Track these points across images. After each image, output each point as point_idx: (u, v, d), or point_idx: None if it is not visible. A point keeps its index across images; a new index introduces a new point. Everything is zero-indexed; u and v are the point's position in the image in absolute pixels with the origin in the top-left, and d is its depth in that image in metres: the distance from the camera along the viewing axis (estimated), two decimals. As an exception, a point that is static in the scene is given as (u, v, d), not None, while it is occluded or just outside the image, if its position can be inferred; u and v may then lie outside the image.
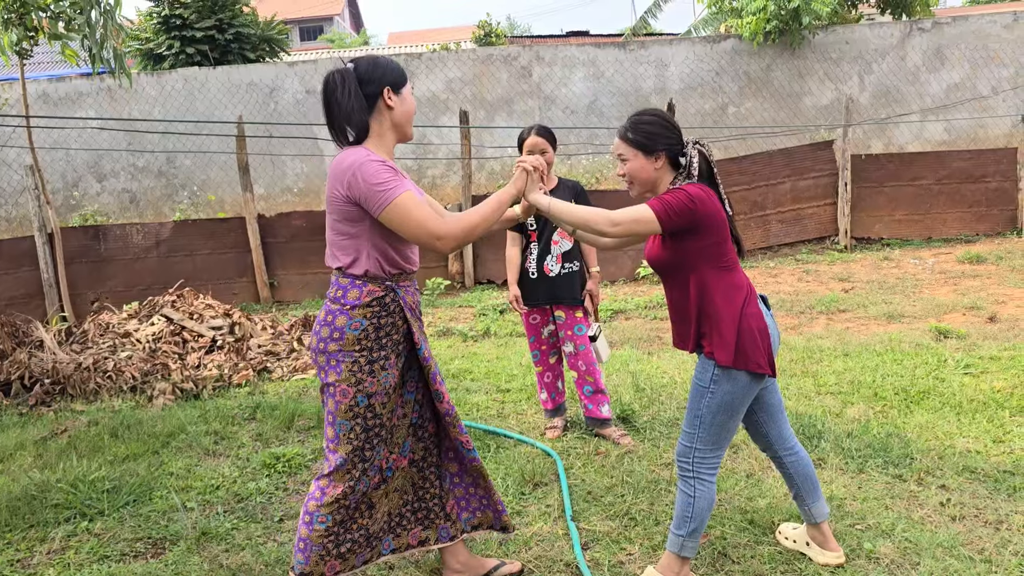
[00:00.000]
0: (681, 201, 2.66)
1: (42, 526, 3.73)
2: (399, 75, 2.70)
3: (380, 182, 2.54)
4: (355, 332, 2.63)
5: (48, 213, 8.77)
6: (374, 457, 2.73)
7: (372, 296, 2.65)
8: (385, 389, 2.68)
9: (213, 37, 13.12)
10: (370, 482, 2.74)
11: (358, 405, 2.65)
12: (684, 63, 12.24)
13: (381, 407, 2.69)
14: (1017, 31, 11.85)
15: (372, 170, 2.55)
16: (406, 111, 2.72)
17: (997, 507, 3.39)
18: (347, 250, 2.67)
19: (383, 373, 2.67)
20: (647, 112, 2.87)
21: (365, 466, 2.71)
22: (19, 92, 9.92)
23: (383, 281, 2.67)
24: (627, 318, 7.65)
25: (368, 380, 2.65)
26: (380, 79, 2.66)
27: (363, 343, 2.64)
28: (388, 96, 2.66)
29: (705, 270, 2.74)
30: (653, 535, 3.33)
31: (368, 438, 2.69)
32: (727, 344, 2.70)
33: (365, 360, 2.64)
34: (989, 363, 5.29)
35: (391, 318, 2.68)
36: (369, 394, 2.66)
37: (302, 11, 40.89)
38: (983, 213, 10.37)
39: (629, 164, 2.83)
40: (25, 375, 5.93)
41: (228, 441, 4.78)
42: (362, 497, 2.75)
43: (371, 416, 2.68)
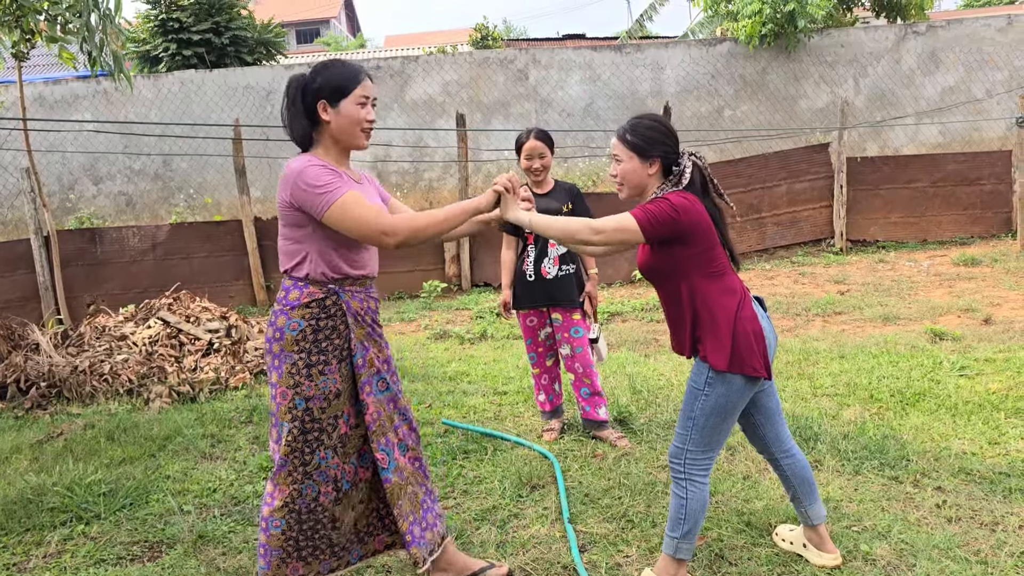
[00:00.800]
0: (663, 211, 2.67)
1: (38, 530, 3.72)
2: (339, 86, 2.63)
3: (319, 185, 2.54)
4: (293, 333, 2.63)
5: (44, 216, 8.76)
6: (319, 463, 2.68)
7: (312, 297, 2.65)
8: (324, 394, 2.65)
9: (210, 40, 13.12)
10: (320, 489, 2.69)
11: (296, 408, 2.64)
12: (680, 66, 12.27)
13: (320, 412, 2.66)
14: (1011, 34, 11.90)
15: (311, 175, 2.55)
16: (341, 126, 2.65)
17: (993, 508, 3.40)
18: (293, 254, 2.68)
19: (321, 378, 2.65)
20: (647, 116, 2.88)
21: (308, 470, 2.67)
22: (16, 95, 9.92)
23: (325, 284, 2.67)
24: (624, 320, 7.66)
25: (306, 383, 2.63)
26: (316, 91, 2.64)
27: (301, 344, 2.63)
28: (323, 109, 2.65)
29: (695, 276, 2.75)
30: (650, 537, 3.33)
31: (307, 441, 2.66)
32: (721, 348, 2.70)
33: (303, 363, 2.63)
34: (984, 365, 5.31)
35: (331, 321, 2.67)
36: (307, 397, 2.64)
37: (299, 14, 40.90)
38: (978, 215, 10.41)
39: (623, 166, 2.84)
40: (21, 378, 5.92)
41: (225, 444, 4.78)
42: (315, 504, 2.70)
43: (308, 420, 2.65)
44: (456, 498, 3.83)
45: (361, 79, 2.67)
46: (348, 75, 2.66)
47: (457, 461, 4.27)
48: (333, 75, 2.65)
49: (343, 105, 2.64)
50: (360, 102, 2.66)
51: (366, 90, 2.67)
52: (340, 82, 2.64)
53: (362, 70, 2.70)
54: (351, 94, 2.65)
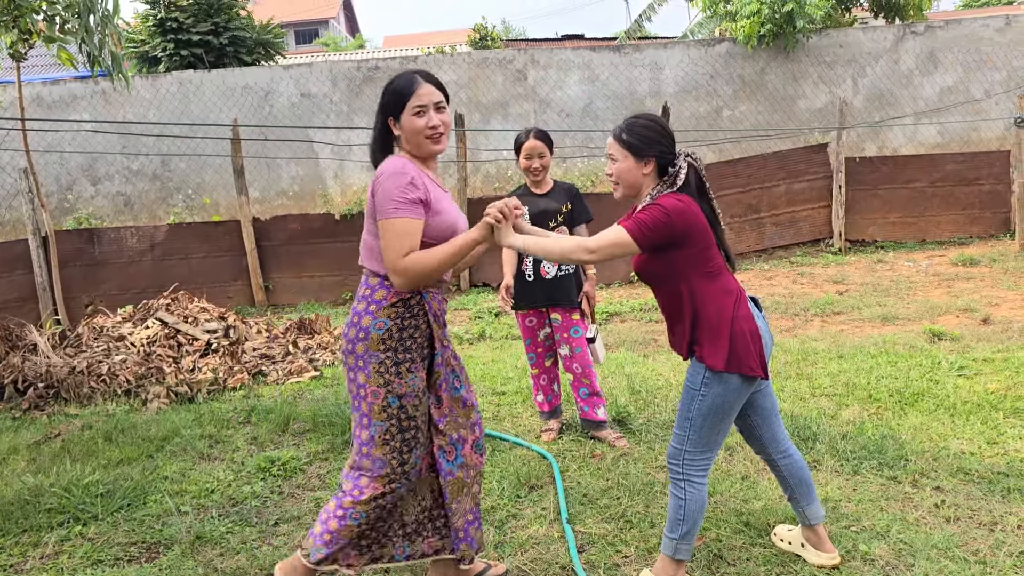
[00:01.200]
0: (655, 217, 2.67)
1: (35, 531, 3.71)
2: (395, 103, 2.70)
3: (394, 198, 2.60)
4: (379, 332, 2.66)
5: (42, 216, 8.75)
6: (415, 462, 2.75)
7: (398, 297, 2.68)
8: (414, 391, 2.70)
9: (208, 40, 13.11)
10: (405, 486, 2.76)
11: (390, 406, 2.68)
12: (679, 66, 12.27)
13: (413, 408, 2.71)
14: (1009, 35, 11.91)
15: (392, 184, 2.61)
16: (407, 138, 2.73)
17: (991, 508, 3.40)
18: (378, 250, 2.70)
19: (409, 375, 2.69)
20: (644, 116, 2.88)
21: (404, 468, 2.73)
22: (14, 95, 9.91)
23: None
24: (622, 320, 7.66)
25: (396, 381, 2.67)
26: (383, 110, 2.75)
27: (387, 343, 2.67)
28: (393, 125, 2.75)
29: (691, 277, 2.75)
30: (648, 537, 3.33)
31: (405, 440, 2.71)
32: (718, 348, 2.70)
33: (391, 361, 2.67)
34: (983, 365, 5.31)
35: (415, 320, 2.71)
36: (399, 395, 2.68)
37: (298, 14, 40.88)
38: (976, 215, 10.42)
39: (618, 165, 2.84)
40: (19, 379, 5.91)
41: (223, 445, 4.77)
42: (397, 500, 2.77)
43: (404, 417, 2.70)
44: (454, 498, 3.83)
45: (414, 88, 2.69)
46: (402, 88, 2.70)
47: (455, 461, 4.25)
48: (391, 90, 2.72)
49: (403, 118, 2.71)
50: (416, 112, 2.69)
51: (420, 98, 2.68)
52: (395, 97, 2.71)
53: (416, 78, 2.71)
54: (406, 106, 2.69)
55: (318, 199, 11.97)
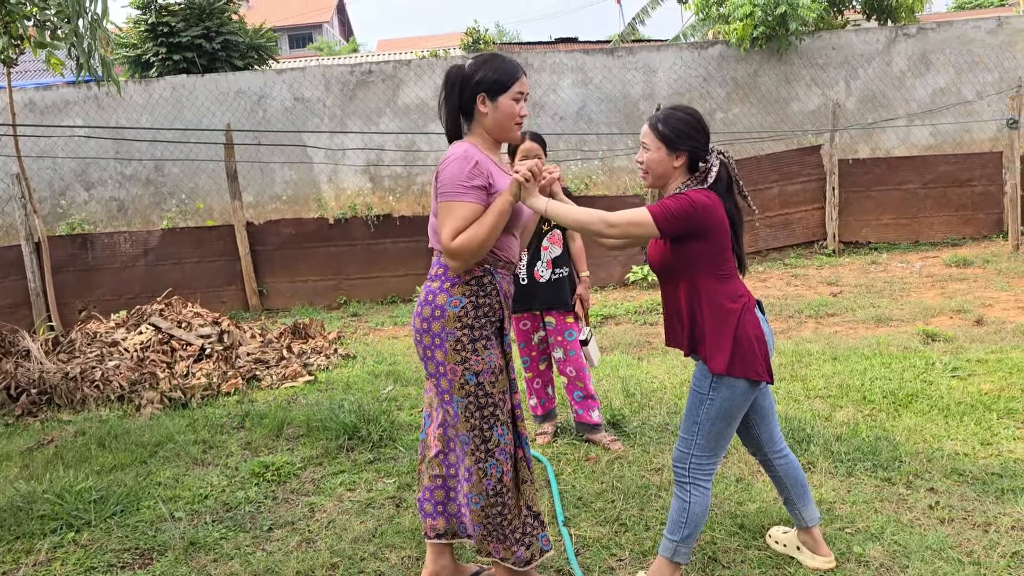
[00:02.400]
0: (682, 206, 2.66)
1: (28, 537, 3.69)
2: (499, 81, 2.70)
3: (459, 182, 2.63)
4: (455, 309, 2.69)
5: (35, 222, 8.72)
6: (498, 440, 2.73)
7: (471, 275, 2.71)
8: (491, 368, 2.71)
9: (201, 45, 13.08)
10: (503, 469, 2.74)
11: (468, 383, 2.70)
12: (672, 69, 12.29)
13: (491, 385, 2.72)
14: (1001, 36, 11.95)
15: (457, 168, 2.64)
16: (497, 120, 2.74)
17: (985, 509, 3.40)
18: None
19: (486, 352, 2.71)
20: (682, 109, 2.87)
21: (489, 447, 2.73)
22: (5, 100, 9.87)
23: (481, 263, 2.72)
24: (617, 323, 7.66)
25: (473, 358, 2.69)
26: (476, 85, 2.72)
27: (463, 320, 2.69)
28: (482, 103, 2.73)
29: (703, 276, 2.75)
30: (643, 540, 3.33)
31: (484, 417, 2.71)
32: (725, 352, 2.71)
33: (468, 339, 2.69)
34: (976, 366, 5.32)
35: (488, 299, 2.74)
36: (476, 372, 2.70)
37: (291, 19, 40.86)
38: (969, 216, 10.45)
39: (649, 154, 2.83)
40: (11, 385, 5.88)
41: (216, 450, 4.76)
42: (500, 485, 2.75)
43: (482, 394, 2.71)
44: (449, 503, 3.82)
45: (519, 76, 2.74)
46: (508, 70, 2.73)
47: (450, 465, 4.25)
48: (494, 70, 2.72)
49: (501, 100, 2.72)
50: (516, 98, 2.73)
51: (523, 86, 2.74)
52: (500, 77, 2.71)
53: (520, 67, 2.76)
54: (509, 89, 2.71)
55: (312, 203, 11.95)
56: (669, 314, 2.92)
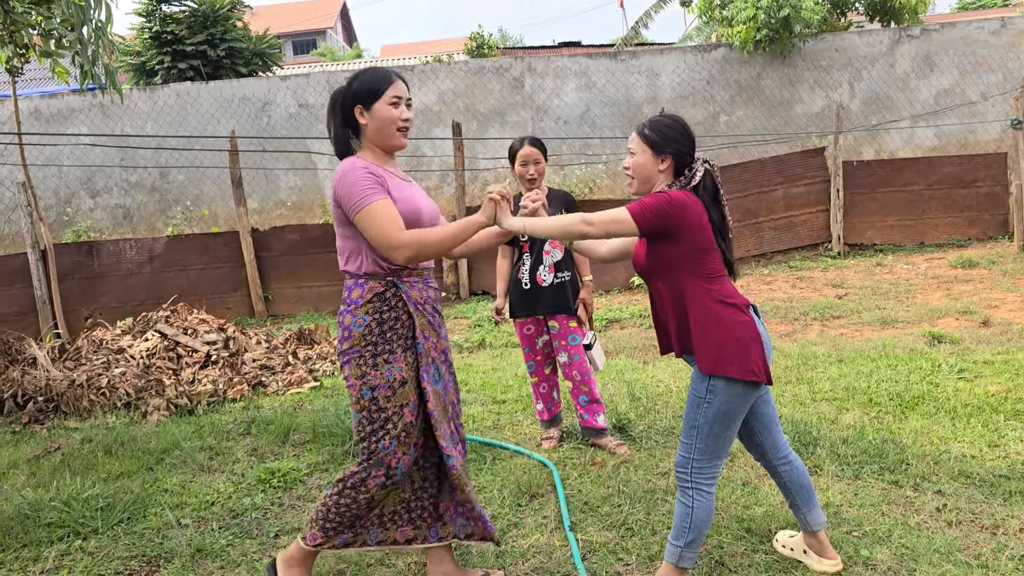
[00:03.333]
0: (659, 202, 2.69)
1: (35, 545, 3.70)
2: (371, 90, 2.75)
3: (355, 189, 2.65)
4: (360, 329, 2.74)
5: (41, 230, 8.76)
6: (381, 451, 2.78)
7: (373, 292, 2.75)
8: (389, 383, 2.75)
9: (205, 52, 13.13)
10: (371, 473, 2.80)
11: (363, 398, 2.76)
12: (675, 72, 12.29)
13: (385, 400, 2.75)
14: (1005, 37, 11.93)
15: (353, 178, 2.67)
16: (377, 128, 2.77)
17: (993, 512, 3.39)
18: (348, 251, 2.80)
19: (386, 366, 2.74)
20: (669, 116, 2.94)
21: (371, 455, 2.79)
22: (11, 109, 9.92)
23: (383, 277, 2.76)
24: (622, 327, 7.66)
25: (372, 373, 2.74)
26: (352, 98, 2.78)
27: (368, 339, 2.74)
28: (360, 114, 2.77)
29: (687, 277, 2.75)
30: (650, 545, 3.32)
31: (374, 430, 2.77)
32: (723, 355, 2.70)
33: (370, 355, 2.74)
34: (983, 367, 5.30)
35: (394, 312, 2.76)
36: (372, 387, 2.74)
37: (295, 25, 41.01)
38: (974, 218, 10.42)
39: (636, 158, 2.87)
40: (18, 393, 5.90)
41: (223, 457, 4.76)
42: (360, 485, 2.81)
43: (375, 408, 2.76)
44: (455, 508, 3.82)
45: (392, 80, 2.78)
46: (380, 77, 2.78)
47: (456, 471, 4.25)
48: (366, 79, 2.78)
49: (376, 107, 2.76)
50: (392, 102, 2.77)
51: (397, 90, 2.77)
52: (372, 85, 2.76)
53: (393, 72, 2.81)
54: (383, 95, 2.75)
55: (316, 209, 11.98)
56: (657, 318, 2.94)
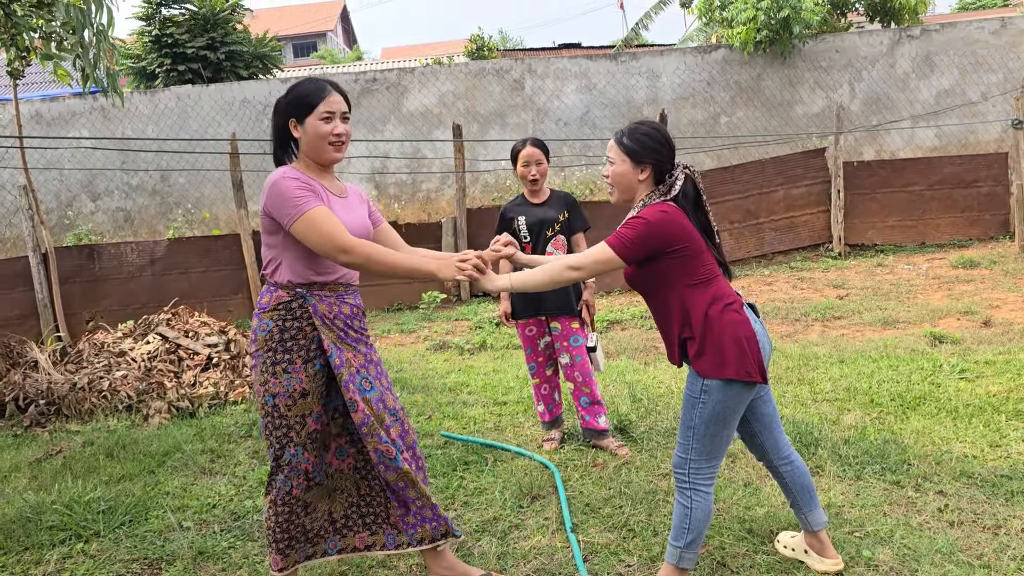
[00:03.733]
0: (638, 232, 2.70)
1: (37, 548, 3.70)
2: (302, 105, 2.73)
3: (290, 198, 2.66)
4: (262, 333, 2.78)
5: (42, 233, 8.76)
6: (289, 459, 2.82)
7: (279, 301, 2.78)
8: (288, 391, 2.77)
9: (205, 55, 13.15)
10: (293, 482, 2.83)
11: (266, 404, 2.81)
12: (676, 73, 12.30)
13: (286, 408, 2.78)
14: (1005, 37, 11.93)
15: (284, 187, 2.68)
16: (309, 142, 2.77)
17: (995, 512, 3.38)
18: (270, 260, 2.82)
19: (285, 376, 2.77)
20: (646, 123, 2.91)
21: (280, 463, 2.83)
22: (12, 112, 9.93)
23: (293, 288, 2.78)
24: (623, 328, 7.65)
25: (272, 381, 2.77)
26: (284, 111, 2.78)
27: (268, 344, 2.77)
28: (293, 127, 2.78)
29: (680, 285, 2.75)
30: (652, 546, 3.32)
31: (278, 437, 2.81)
32: (715, 355, 2.69)
33: (270, 361, 2.77)
34: (984, 367, 5.30)
35: (297, 323, 2.78)
36: (273, 394, 2.78)
37: (295, 28, 41.02)
38: (975, 218, 10.42)
39: (615, 168, 2.86)
40: (20, 396, 5.91)
41: (224, 459, 4.77)
42: (288, 496, 2.84)
43: (276, 415, 2.79)
44: (456, 510, 3.82)
45: (325, 95, 2.74)
46: (312, 91, 2.75)
47: (457, 473, 4.25)
48: (299, 93, 2.76)
49: (308, 121, 2.75)
50: (324, 117, 2.74)
51: (330, 105, 2.75)
52: (304, 99, 2.74)
53: (327, 86, 2.76)
54: (315, 110, 2.74)
55: (317, 211, 11.96)
56: (658, 327, 2.93)
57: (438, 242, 9.60)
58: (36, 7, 6.07)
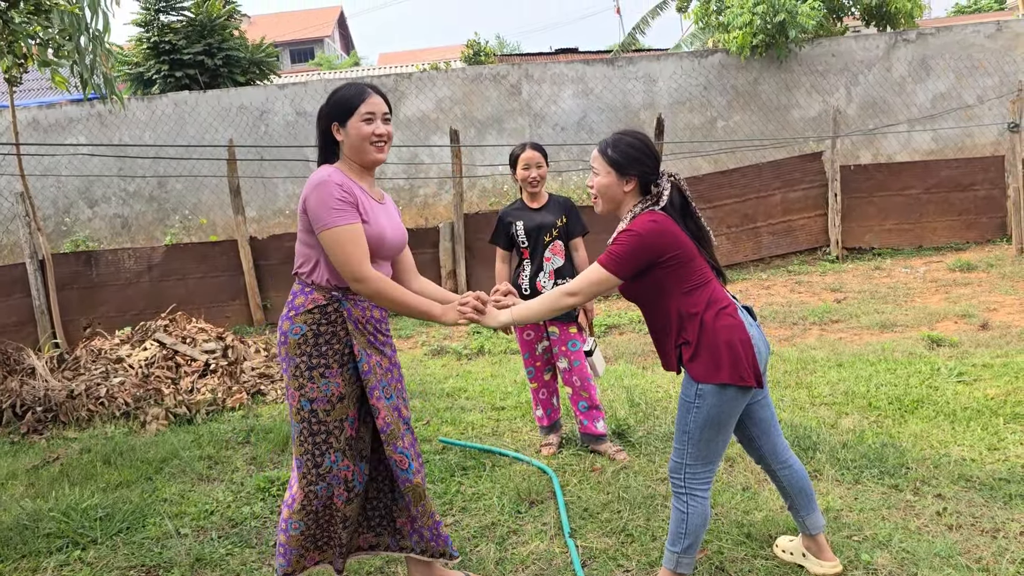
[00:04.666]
0: (628, 246, 2.70)
1: (34, 556, 3.69)
2: (343, 109, 2.76)
3: (330, 207, 2.65)
4: (296, 337, 2.75)
5: (39, 240, 8.75)
6: (330, 466, 2.79)
7: (315, 304, 2.76)
8: (327, 396, 2.75)
9: (202, 61, 13.16)
10: (333, 491, 2.81)
11: (303, 409, 2.77)
12: (672, 78, 12.32)
13: (324, 414, 2.76)
14: (1000, 40, 11.97)
15: (326, 192, 2.67)
16: (352, 144, 2.78)
17: (993, 515, 3.38)
18: (306, 257, 2.81)
19: (322, 380, 2.75)
20: (630, 133, 2.89)
21: (320, 472, 2.78)
22: (9, 119, 9.93)
23: (329, 292, 2.76)
24: (621, 333, 7.66)
25: (308, 385, 2.75)
26: (327, 116, 2.80)
27: (302, 348, 2.74)
28: (336, 131, 2.79)
29: (675, 293, 2.74)
30: (650, 551, 3.31)
31: (316, 443, 2.77)
32: (709, 359, 2.69)
33: (305, 366, 2.74)
34: (982, 371, 5.30)
35: (332, 327, 2.76)
36: (311, 399, 2.75)
37: (292, 34, 41.07)
38: (972, 221, 10.43)
39: (600, 179, 2.85)
40: (17, 403, 5.90)
41: (222, 465, 4.75)
42: (329, 504, 2.82)
43: (315, 421, 2.76)
44: (455, 515, 3.81)
45: (365, 96, 2.77)
46: (353, 94, 2.78)
47: (455, 478, 4.25)
48: (340, 97, 2.79)
49: (350, 123, 2.76)
50: (366, 119, 2.76)
51: (371, 106, 2.77)
52: (345, 102, 2.77)
53: (367, 88, 2.80)
54: (356, 112, 2.75)
55: (315, 217, 11.97)
56: (653, 335, 2.92)
57: (435, 247, 9.60)
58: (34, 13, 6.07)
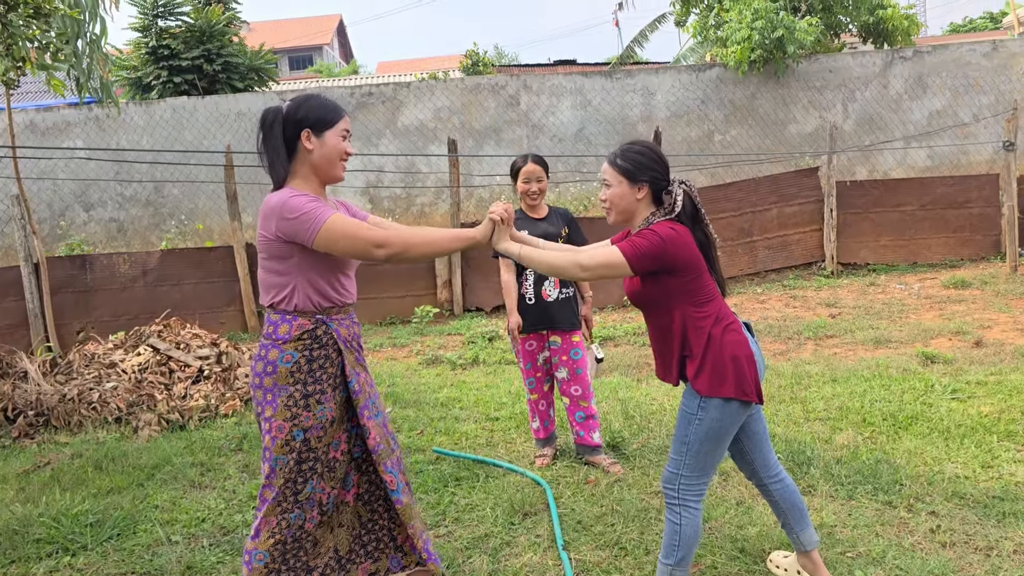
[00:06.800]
0: (652, 243, 2.68)
1: (24, 562, 3.66)
2: (324, 118, 2.70)
3: (304, 212, 2.58)
4: (287, 365, 2.66)
5: (34, 243, 8.72)
6: (308, 491, 2.71)
7: (302, 330, 2.68)
8: (321, 423, 2.69)
9: (201, 67, 13.18)
10: (306, 516, 2.72)
11: (294, 440, 2.67)
12: (670, 91, 12.37)
13: (317, 441, 2.69)
14: (996, 59, 12.05)
15: (295, 204, 2.59)
16: (325, 155, 2.70)
17: (987, 533, 3.38)
18: (279, 287, 2.70)
19: (319, 407, 2.68)
20: (638, 143, 2.90)
21: (298, 499, 2.70)
22: (5, 122, 9.91)
23: (313, 315, 2.70)
24: (616, 345, 7.65)
25: (304, 414, 2.66)
26: (301, 120, 2.69)
27: (296, 376, 2.66)
28: (307, 138, 2.69)
29: (684, 305, 2.75)
30: (643, 564, 3.30)
31: (301, 471, 2.69)
32: (714, 373, 2.70)
33: (300, 394, 2.66)
34: (976, 388, 5.31)
35: (324, 351, 2.71)
36: (305, 428, 2.67)
37: (292, 41, 41.15)
38: (967, 238, 10.47)
39: (612, 190, 2.85)
40: (8, 407, 5.86)
41: (214, 472, 4.73)
42: (300, 532, 2.72)
43: (305, 450, 2.68)
44: (447, 526, 3.80)
45: (343, 114, 2.77)
46: (332, 107, 2.75)
47: (448, 489, 4.23)
48: (318, 106, 2.73)
49: (328, 135, 2.71)
50: (343, 135, 2.74)
51: (347, 124, 2.77)
52: (325, 114, 2.72)
53: (342, 107, 2.79)
54: (335, 126, 2.72)
55: (311, 224, 11.95)
56: (655, 344, 2.92)
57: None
58: (33, 17, 6.07)
